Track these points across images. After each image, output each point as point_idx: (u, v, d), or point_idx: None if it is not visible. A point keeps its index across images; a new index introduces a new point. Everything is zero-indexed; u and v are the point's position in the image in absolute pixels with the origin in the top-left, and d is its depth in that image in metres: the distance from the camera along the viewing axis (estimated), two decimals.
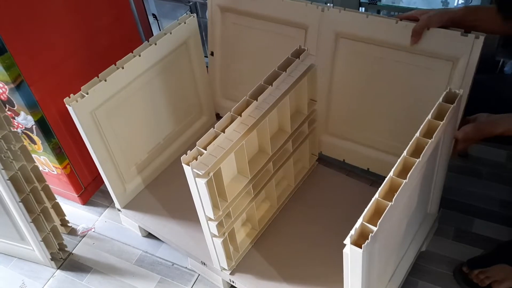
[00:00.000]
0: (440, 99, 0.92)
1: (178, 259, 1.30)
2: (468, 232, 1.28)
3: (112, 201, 1.35)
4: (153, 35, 1.23)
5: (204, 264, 1.20)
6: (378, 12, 1.79)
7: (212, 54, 1.40)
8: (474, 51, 1.01)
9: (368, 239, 0.70)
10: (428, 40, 1.04)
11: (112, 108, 1.18)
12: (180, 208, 1.30)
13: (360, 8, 1.57)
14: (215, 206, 0.98)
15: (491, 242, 1.25)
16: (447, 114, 0.89)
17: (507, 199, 1.35)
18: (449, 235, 1.28)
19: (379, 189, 0.78)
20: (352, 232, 0.72)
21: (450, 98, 0.93)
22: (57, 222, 1.36)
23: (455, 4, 1.76)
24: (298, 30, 1.20)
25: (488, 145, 1.48)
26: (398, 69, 1.11)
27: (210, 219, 1.00)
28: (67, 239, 1.39)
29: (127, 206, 1.35)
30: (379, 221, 0.72)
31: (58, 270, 1.33)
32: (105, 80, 1.12)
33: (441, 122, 0.87)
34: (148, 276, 1.28)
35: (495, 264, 1.12)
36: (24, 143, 1.17)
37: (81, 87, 1.09)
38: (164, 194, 1.37)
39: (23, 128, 1.30)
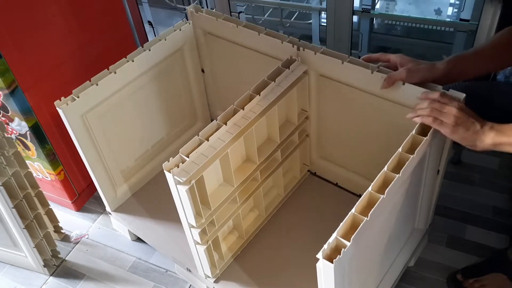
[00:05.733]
0: None
1: (172, 265, 1.29)
2: (461, 239, 1.28)
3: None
4: None
5: (189, 270, 1.19)
6: (372, 20, 1.80)
7: (202, 71, 1.41)
8: None
9: (340, 254, 0.69)
10: (403, 93, 0.98)
11: (104, 112, 1.18)
12: (170, 214, 1.28)
13: (354, 16, 1.58)
14: (197, 214, 0.97)
15: (483, 249, 1.25)
16: (431, 130, 0.87)
17: (500, 206, 1.36)
18: (442, 242, 1.28)
19: (356, 203, 0.77)
20: (325, 246, 0.71)
21: None
22: (50, 228, 1.35)
23: (448, 13, 1.78)
24: (279, 62, 1.14)
25: (481, 152, 1.48)
26: (378, 112, 1.07)
27: (192, 226, 1.00)
28: (60, 246, 1.39)
29: (118, 210, 1.34)
30: (353, 236, 0.71)
31: (51, 277, 1.33)
32: (97, 84, 1.12)
33: (425, 138, 0.85)
34: (141, 283, 1.28)
35: (489, 273, 1.13)
36: (18, 149, 1.17)
37: (73, 91, 1.09)
38: (156, 198, 1.36)
39: (17, 134, 1.30)
